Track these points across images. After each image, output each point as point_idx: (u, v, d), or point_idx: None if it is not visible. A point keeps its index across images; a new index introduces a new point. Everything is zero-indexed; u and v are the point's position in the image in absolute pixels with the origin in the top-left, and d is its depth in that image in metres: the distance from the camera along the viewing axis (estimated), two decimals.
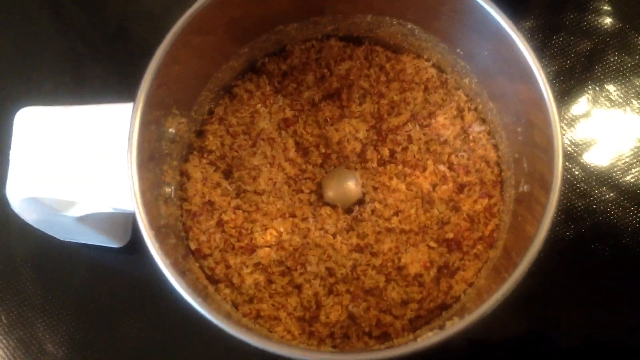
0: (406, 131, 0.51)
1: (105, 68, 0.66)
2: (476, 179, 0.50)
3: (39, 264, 0.61)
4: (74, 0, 0.68)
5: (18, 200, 0.46)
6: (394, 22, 0.50)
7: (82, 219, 0.49)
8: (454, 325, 0.38)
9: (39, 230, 0.54)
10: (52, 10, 0.67)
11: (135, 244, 0.60)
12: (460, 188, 0.50)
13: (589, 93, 0.64)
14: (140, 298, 0.60)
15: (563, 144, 0.40)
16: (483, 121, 0.51)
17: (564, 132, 0.63)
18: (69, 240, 0.58)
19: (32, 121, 0.46)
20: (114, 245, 0.59)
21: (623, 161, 0.62)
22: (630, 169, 0.62)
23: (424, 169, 0.51)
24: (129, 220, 0.59)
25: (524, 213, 0.45)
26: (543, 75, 0.41)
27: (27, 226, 0.51)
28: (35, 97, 0.64)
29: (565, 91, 0.64)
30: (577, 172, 0.62)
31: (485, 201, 0.49)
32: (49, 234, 0.56)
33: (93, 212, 0.47)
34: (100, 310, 0.60)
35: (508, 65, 0.44)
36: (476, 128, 0.51)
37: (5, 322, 0.59)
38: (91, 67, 0.66)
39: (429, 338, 0.38)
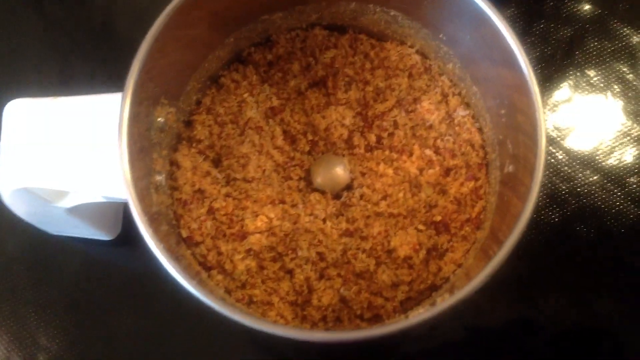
0: (392, 117, 0.52)
1: (91, 64, 0.66)
2: (462, 162, 0.51)
3: (31, 259, 0.61)
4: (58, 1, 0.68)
5: (9, 192, 0.46)
6: (377, 10, 0.51)
7: (73, 211, 0.50)
8: (444, 302, 0.39)
9: (30, 225, 0.54)
10: (37, 6, 0.67)
11: (126, 236, 0.61)
12: (447, 172, 0.51)
13: (570, 79, 0.65)
14: (133, 290, 0.60)
15: (546, 126, 0.41)
16: (467, 105, 0.52)
17: (546, 117, 0.64)
18: (60, 234, 0.59)
19: (21, 113, 0.46)
20: (105, 237, 0.59)
21: (605, 144, 0.63)
22: (613, 152, 0.63)
23: (411, 153, 0.52)
24: (120, 211, 0.60)
25: (509, 194, 0.46)
26: (526, 58, 0.41)
27: (17, 221, 0.51)
28: (23, 91, 0.64)
29: (547, 77, 0.65)
30: (560, 156, 0.63)
31: (472, 184, 0.50)
32: (40, 227, 0.56)
33: (84, 203, 0.48)
34: (93, 303, 0.60)
35: (491, 50, 0.45)
36: (461, 112, 0.52)
37: None
38: (77, 63, 0.66)
39: (420, 314, 0.39)
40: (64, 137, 0.45)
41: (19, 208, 0.50)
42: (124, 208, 0.60)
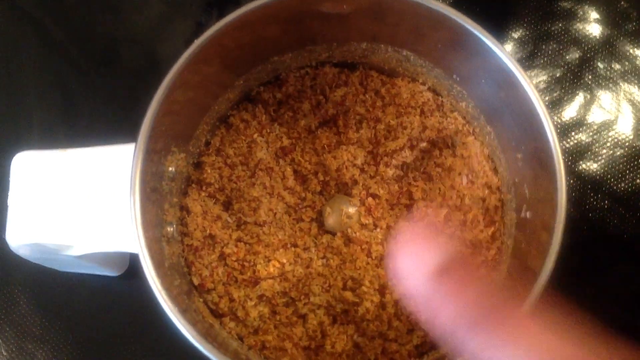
0: (402, 157, 0.51)
1: (96, 94, 0.65)
2: (482, 209, 0.50)
3: (38, 294, 0.61)
4: (60, 25, 0.67)
5: (18, 245, 0.46)
6: (389, 49, 0.50)
7: (81, 257, 0.49)
8: None
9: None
10: (37, 35, 0.66)
11: (133, 269, 0.60)
12: (464, 222, 0.50)
13: (580, 101, 0.64)
14: (140, 324, 0.60)
15: (567, 176, 0.40)
16: (481, 144, 0.51)
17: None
18: (67, 271, 0.58)
19: (29, 166, 0.45)
20: (113, 274, 0.59)
21: (617, 168, 0.63)
22: (625, 176, 0.62)
23: (428, 205, 0.51)
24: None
25: (527, 240, 0.45)
26: (546, 113, 0.41)
27: (22, 257, 0.51)
28: (26, 129, 0.64)
29: (557, 100, 0.64)
30: (571, 181, 0.62)
31: (491, 230, 0.49)
32: (47, 266, 0.56)
33: (93, 252, 0.47)
34: (100, 338, 0.60)
35: (507, 97, 0.44)
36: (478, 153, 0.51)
37: (5, 354, 0.59)
38: (81, 93, 0.65)
39: None
40: (74, 191, 0.45)
41: (26, 254, 0.49)
42: None
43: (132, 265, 0.60)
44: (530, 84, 0.41)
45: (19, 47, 0.66)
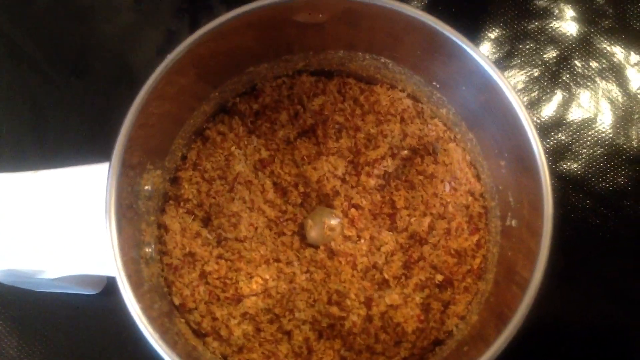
0: (384, 166, 0.50)
1: (66, 106, 0.63)
2: (465, 216, 0.49)
3: (13, 315, 0.59)
4: (28, 36, 0.65)
5: None
6: (367, 57, 0.49)
7: (57, 279, 0.48)
8: None
9: None
10: (6, 48, 0.64)
11: (110, 285, 0.58)
12: (448, 230, 0.49)
13: (558, 100, 0.64)
14: (119, 341, 0.58)
15: (551, 177, 0.40)
16: (463, 150, 0.51)
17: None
18: (44, 291, 0.56)
19: (0, 189, 0.44)
20: (90, 292, 0.57)
21: (597, 167, 0.62)
22: (605, 175, 0.62)
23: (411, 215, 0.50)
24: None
25: (514, 248, 0.44)
26: (528, 117, 0.40)
27: None
28: None
29: (535, 100, 0.64)
30: (553, 182, 0.61)
31: (475, 237, 0.48)
32: (23, 288, 0.54)
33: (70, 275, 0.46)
34: (79, 357, 0.58)
35: (487, 100, 0.44)
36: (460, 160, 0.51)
37: None
38: (51, 106, 0.63)
39: None
40: (47, 214, 0.43)
41: (1, 279, 0.48)
42: None
43: (110, 282, 0.58)
44: (509, 86, 0.41)
45: None
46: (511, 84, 0.41)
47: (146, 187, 0.45)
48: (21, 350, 0.58)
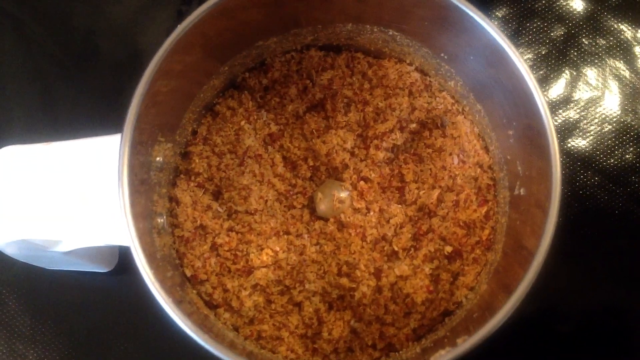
0: (392, 139, 0.51)
1: (76, 87, 0.64)
2: (474, 188, 0.50)
3: (26, 294, 0.60)
4: (36, 19, 0.65)
5: (4, 242, 0.45)
6: (375, 29, 0.49)
7: (70, 253, 0.48)
8: (465, 342, 0.38)
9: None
10: (15, 30, 0.65)
11: (122, 265, 0.59)
12: (457, 202, 0.49)
13: (566, 78, 0.64)
14: (132, 320, 0.59)
15: (560, 151, 0.40)
16: (471, 123, 0.51)
17: None
18: (55, 269, 0.57)
19: (13, 161, 0.44)
20: (102, 270, 0.58)
21: (605, 144, 0.63)
22: (613, 151, 0.62)
23: (420, 187, 0.51)
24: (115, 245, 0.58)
25: (522, 218, 0.45)
26: (538, 88, 0.40)
27: (9, 257, 0.49)
28: (7, 124, 0.62)
29: (543, 77, 0.64)
30: (561, 158, 0.62)
31: (484, 209, 0.48)
32: (35, 265, 0.55)
33: (82, 247, 0.46)
34: (92, 336, 0.59)
35: (496, 71, 0.44)
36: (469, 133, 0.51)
37: None
38: (61, 86, 0.64)
39: (442, 356, 0.38)
40: (60, 185, 0.44)
41: (14, 253, 0.48)
42: None
43: (121, 260, 0.59)
44: (521, 60, 0.41)
45: None
46: (520, 55, 0.41)
47: (157, 159, 0.45)
48: (34, 329, 0.59)
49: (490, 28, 0.41)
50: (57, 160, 0.44)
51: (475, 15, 0.42)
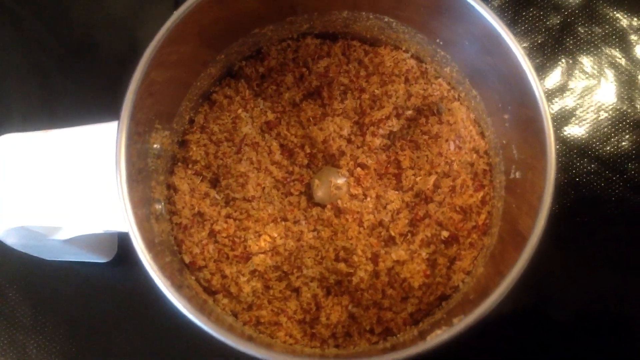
0: (389, 126, 0.51)
1: (75, 80, 0.64)
2: (470, 173, 0.50)
3: (26, 285, 0.60)
4: (34, 13, 0.66)
5: (3, 230, 0.45)
6: (370, 16, 0.50)
7: (69, 241, 0.49)
8: (461, 322, 0.39)
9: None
10: (14, 25, 0.65)
11: (121, 256, 0.60)
12: (453, 188, 0.50)
13: (562, 66, 0.64)
14: (130, 310, 0.59)
15: (555, 137, 0.40)
16: (467, 109, 0.51)
17: None
18: (55, 259, 0.57)
19: (12, 148, 0.45)
20: (102, 260, 0.58)
21: (601, 132, 0.63)
22: (609, 139, 0.63)
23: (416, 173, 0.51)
24: (115, 234, 0.58)
25: (517, 201, 0.45)
26: (531, 67, 0.41)
27: (9, 247, 0.50)
28: (6, 115, 0.63)
29: (539, 66, 0.64)
30: (557, 146, 0.62)
31: (480, 194, 0.49)
32: (35, 255, 0.55)
33: (81, 235, 0.47)
34: (92, 326, 0.59)
35: (492, 56, 0.44)
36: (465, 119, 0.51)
37: None
38: (59, 80, 0.64)
39: (438, 336, 0.38)
40: (59, 172, 0.44)
41: (13, 242, 0.48)
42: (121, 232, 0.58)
43: (120, 251, 0.60)
44: (517, 44, 0.41)
45: None
46: (516, 39, 0.41)
47: (155, 146, 0.46)
48: (35, 319, 0.59)
49: (487, 13, 0.42)
50: (56, 148, 0.44)
51: (472, 0, 0.42)
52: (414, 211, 0.50)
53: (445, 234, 0.48)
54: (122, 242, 0.59)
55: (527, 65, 0.41)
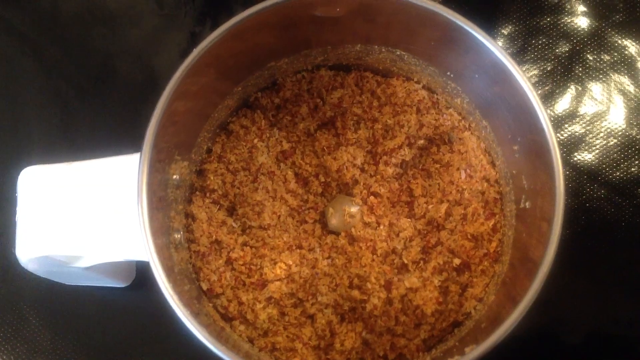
0: (401, 155, 0.52)
1: (93, 108, 0.66)
2: (481, 202, 0.51)
3: (46, 309, 0.61)
4: (56, 42, 0.67)
5: (27, 259, 0.46)
6: (383, 50, 0.51)
7: (90, 268, 0.50)
8: (473, 351, 0.39)
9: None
10: (35, 55, 0.67)
11: (139, 280, 0.61)
12: (464, 216, 0.51)
13: (572, 93, 0.65)
14: (149, 333, 0.60)
15: (563, 166, 0.41)
16: (478, 138, 0.52)
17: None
18: (75, 284, 0.59)
19: (36, 180, 0.46)
20: (120, 285, 0.59)
21: (611, 157, 0.64)
22: (619, 164, 0.63)
23: (429, 202, 0.52)
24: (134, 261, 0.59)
25: (528, 230, 0.46)
26: (541, 105, 0.42)
27: (30, 273, 0.51)
28: (27, 146, 0.64)
29: (549, 93, 0.65)
30: (567, 172, 0.63)
31: (491, 222, 0.50)
32: (55, 280, 0.56)
33: (102, 263, 0.48)
34: (111, 350, 0.60)
35: (500, 87, 0.45)
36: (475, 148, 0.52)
37: None
38: (80, 109, 0.66)
39: None
40: (81, 203, 0.45)
41: (35, 269, 0.49)
42: None
43: (139, 275, 0.61)
44: (524, 77, 0.42)
45: (17, 67, 0.67)
46: (524, 73, 0.42)
47: (174, 177, 0.47)
48: (55, 343, 0.60)
49: (494, 47, 0.43)
50: (78, 179, 0.45)
51: (480, 35, 0.43)
52: (426, 239, 0.51)
53: (457, 261, 0.49)
54: (140, 268, 0.60)
55: (534, 97, 0.42)
